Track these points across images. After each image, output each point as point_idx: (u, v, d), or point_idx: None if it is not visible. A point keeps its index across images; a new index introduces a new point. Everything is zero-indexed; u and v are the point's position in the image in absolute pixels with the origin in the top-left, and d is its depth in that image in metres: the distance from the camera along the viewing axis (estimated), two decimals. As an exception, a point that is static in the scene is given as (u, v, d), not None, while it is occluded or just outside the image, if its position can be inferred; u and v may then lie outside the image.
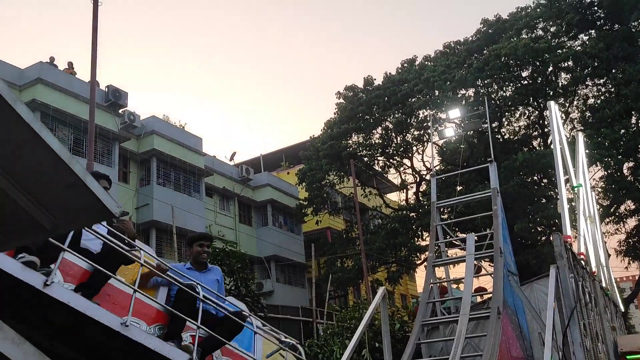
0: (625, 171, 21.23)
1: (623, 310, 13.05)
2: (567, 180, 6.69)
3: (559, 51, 22.30)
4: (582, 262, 5.55)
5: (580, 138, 8.10)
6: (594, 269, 6.27)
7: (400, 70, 26.77)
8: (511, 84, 23.91)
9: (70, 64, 19.16)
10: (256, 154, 35.12)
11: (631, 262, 24.14)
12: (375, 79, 27.28)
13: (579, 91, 24.20)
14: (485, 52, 23.73)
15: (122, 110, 19.50)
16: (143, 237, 20.16)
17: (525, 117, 25.98)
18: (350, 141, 26.56)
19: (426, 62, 26.49)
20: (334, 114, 27.75)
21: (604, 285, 7.09)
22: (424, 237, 24.05)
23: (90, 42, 10.80)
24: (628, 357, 6.91)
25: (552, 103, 6.52)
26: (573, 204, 6.98)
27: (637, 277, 27.30)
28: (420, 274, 30.28)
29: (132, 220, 19.65)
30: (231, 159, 29.07)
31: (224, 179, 25.44)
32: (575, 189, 6.61)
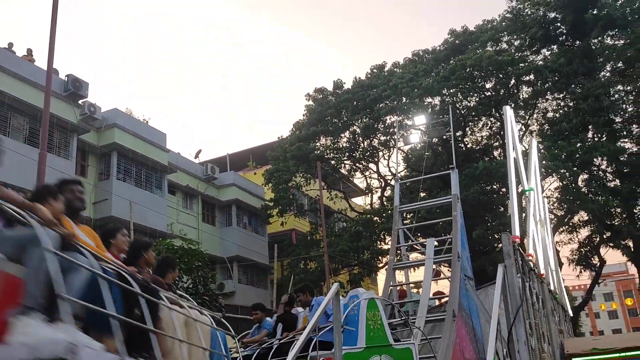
0: (580, 183, 21.94)
1: (572, 315, 13.48)
2: (521, 192, 6.89)
3: (522, 64, 22.93)
4: (531, 263, 5.70)
5: (534, 143, 8.34)
6: (542, 272, 6.45)
7: (369, 76, 27.02)
8: (475, 95, 24.44)
9: (30, 51, 18.60)
10: (222, 153, 34.83)
11: (583, 271, 24.92)
12: (345, 83, 27.47)
13: (539, 104, 24.92)
14: (451, 61, 24.21)
15: (82, 101, 19.01)
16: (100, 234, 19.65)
17: (488, 127, 26.59)
18: (318, 144, 26.63)
19: (395, 69, 26.83)
20: (303, 115, 27.79)
21: (552, 288, 7.29)
22: (387, 241, 24.29)
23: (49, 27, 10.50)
24: (574, 359, 7.10)
25: (507, 107, 6.70)
26: (526, 210, 7.18)
27: (588, 286, 28.19)
28: (382, 277, 30.54)
29: (89, 215, 19.16)
30: (196, 156, 28.72)
31: (188, 177, 25.10)
32: (527, 192, 6.80)
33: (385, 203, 26.74)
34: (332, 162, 27.09)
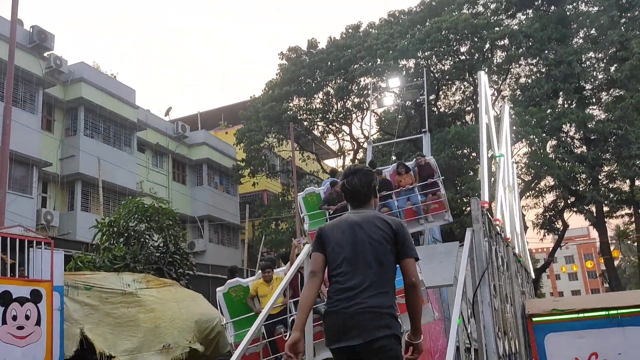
0: (548, 149, 22.38)
1: (534, 277, 13.97)
2: (491, 157, 7.00)
3: (497, 28, 22.90)
4: (498, 227, 5.85)
5: (506, 109, 8.47)
6: (508, 236, 6.64)
7: (344, 36, 26.64)
8: (450, 58, 24.40)
9: (-10, -1, 17.68)
10: (194, 111, 34.20)
11: (546, 234, 25.72)
12: (319, 42, 27.06)
13: (512, 70, 25.06)
14: (427, 23, 24.00)
15: (47, 53, 18.28)
16: (67, 190, 19.31)
17: (461, 91, 26.70)
18: (291, 104, 26.35)
19: (370, 30, 26.49)
20: (276, 75, 27.38)
21: (517, 252, 7.54)
22: (358, 203, 24.47)
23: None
24: (534, 319, 7.40)
25: (481, 73, 6.72)
26: (495, 176, 7.32)
27: (550, 249, 29.19)
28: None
29: (56, 172, 18.74)
30: (166, 114, 28.14)
31: (158, 135, 24.66)
32: (497, 158, 6.92)
33: (357, 165, 26.84)
34: (305, 123, 26.92)
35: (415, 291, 2.79)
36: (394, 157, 21.95)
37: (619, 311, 6.81)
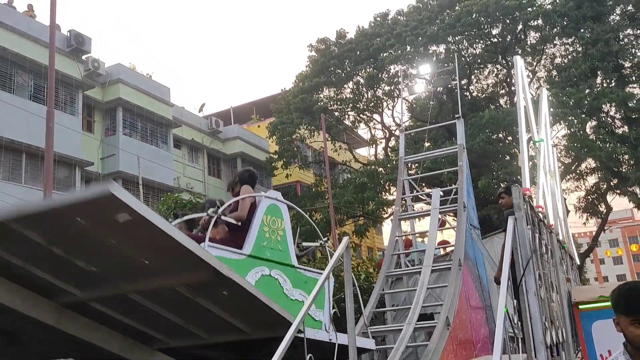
0: (587, 130, 21.76)
1: (579, 263, 13.66)
2: (530, 139, 6.88)
3: (529, 9, 22.33)
4: (540, 214, 5.77)
5: (544, 94, 8.29)
6: (551, 222, 6.53)
7: (373, 24, 26.45)
8: (481, 42, 23.95)
9: (30, 7, 18.28)
10: (226, 106, 34.59)
11: (589, 218, 25.05)
12: (347, 33, 26.92)
13: (547, 50, 24.41)
14: (457, 8, 23.59)
15: (85, 56, 18.79)
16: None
17: (494, 75, 26.18)
18: (321, 95, 26.37)
19: (399, 17, 26.20)
20: (306, 67, 27.40)
21: (561, 238, 7.41)
22: (392, 192, 24.41)
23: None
24: (580, 306, 7.27)
25: (517, 58, 6.60)
26: (535, 160, 7.20)
27: (594, 233, 28.47)
28: (387, 227, 30.91)
29: (98, 170, 19.32)
30: (200, 110, 28.58)
31: (192, 131, 25.08)
32: (537, 143, 6.80)
33: (389, 154, 26.72)
34: (336, 113, 26.90)
35: None
36: (427, 144, 21.79)
37: (669, 296, 6.64)
